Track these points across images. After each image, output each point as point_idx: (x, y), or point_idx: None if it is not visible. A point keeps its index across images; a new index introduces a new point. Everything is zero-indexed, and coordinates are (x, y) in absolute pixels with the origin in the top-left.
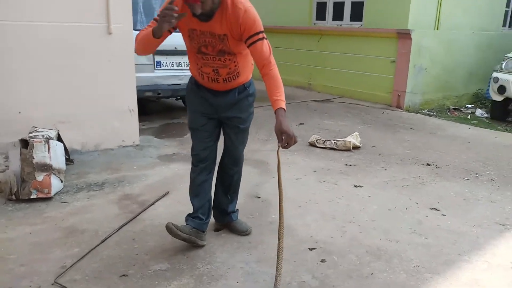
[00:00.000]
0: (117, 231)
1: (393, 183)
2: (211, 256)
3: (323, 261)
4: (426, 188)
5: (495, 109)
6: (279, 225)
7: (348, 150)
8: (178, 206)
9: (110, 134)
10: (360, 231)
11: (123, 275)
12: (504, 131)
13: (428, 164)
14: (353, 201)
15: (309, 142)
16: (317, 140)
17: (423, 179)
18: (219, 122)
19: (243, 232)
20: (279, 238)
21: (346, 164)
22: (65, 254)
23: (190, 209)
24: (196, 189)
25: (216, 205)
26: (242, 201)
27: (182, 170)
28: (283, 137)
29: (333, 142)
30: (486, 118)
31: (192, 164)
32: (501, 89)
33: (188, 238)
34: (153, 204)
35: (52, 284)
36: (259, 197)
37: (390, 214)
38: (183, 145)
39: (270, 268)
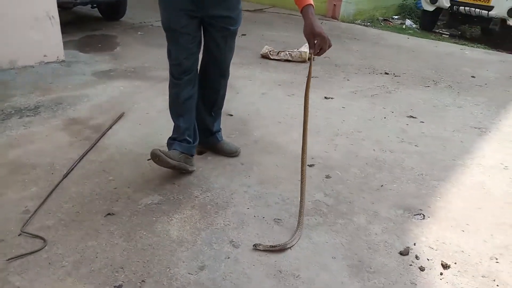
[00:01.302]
0: (78, 162)
1: (361, 93)
2: (206, 183)
3: (327, 177)
4: (394, 97)
5: (425, 19)
6: (302, 149)
7: (304, 61)
8: (142, 128)
9: (28, 48)
10: (351, 143)
11: (108, 214)
12: (438, 40)
13: (386, 73)
14: (330, 113)
15: (261, 54)
16: (270, 51)
17: (388, 88)
18: (201, 23)
19: (232, 153)
20: (302, 163)
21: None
22: (21, 195)
23: (157, 131)
24: (181, 108)
25: (198, 125)
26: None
27: (129, 88)
28: (315, 41)
29: (287, 53)
30: (416, 28)
31: (173, 76)
32: None
33: (179, 165)
34: (110, 128)
35: (19, 234)
36: (231, 115)
37: (372, 124)
38: (117, 60)
39: (275, 189)
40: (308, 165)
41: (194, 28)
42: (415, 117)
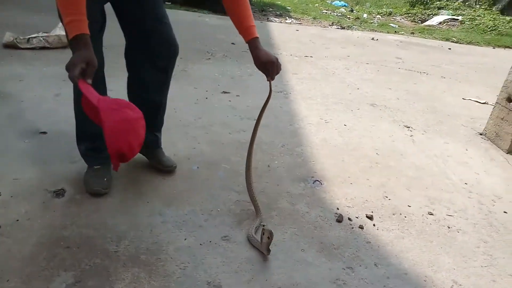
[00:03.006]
0: None
1: None
2: (108, 229)
3: (221, 174)
4: (193, 74)
5: None
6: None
7: (64, 46)
8: None
9: None
10: (206, 132)
11: None
12: (171, 8)
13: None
14: None
15: (4, 44)
16: (16, 39)
17: (179, 66)
18: None
19: (169, 167)
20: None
21: None
22: None
23: None
24: None
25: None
26: (28, 145)
27: None
28: (268, 68)
29: (41, 39)
30: None
31: None
32: None
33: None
34: None
35: None
36: (45, 132)
37: (203, 107)
38: None
39: (189, 205)
40: (192, 168)
41: None
42: (229, 92)
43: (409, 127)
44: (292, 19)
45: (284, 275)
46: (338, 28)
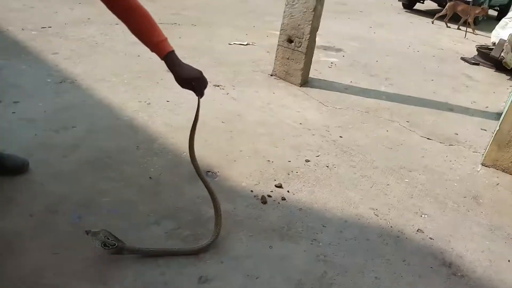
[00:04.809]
0: None
1: None
2: None
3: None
4: None
5: None
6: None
7: None
8: None
9: None
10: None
11: None
12: None
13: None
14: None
15: None
16: None
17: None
18: None
19: (20, 169)
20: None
21: None
22: None
23: None
24: None
25: None
26: None
27: None
28: (193, 84)
29: None
30: None
31: None
32: None
33: None
34: None
35: None
36: None
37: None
38: None
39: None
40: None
41: None
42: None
43: (218, 85)
44: None
45: (280, 278)
46: None
